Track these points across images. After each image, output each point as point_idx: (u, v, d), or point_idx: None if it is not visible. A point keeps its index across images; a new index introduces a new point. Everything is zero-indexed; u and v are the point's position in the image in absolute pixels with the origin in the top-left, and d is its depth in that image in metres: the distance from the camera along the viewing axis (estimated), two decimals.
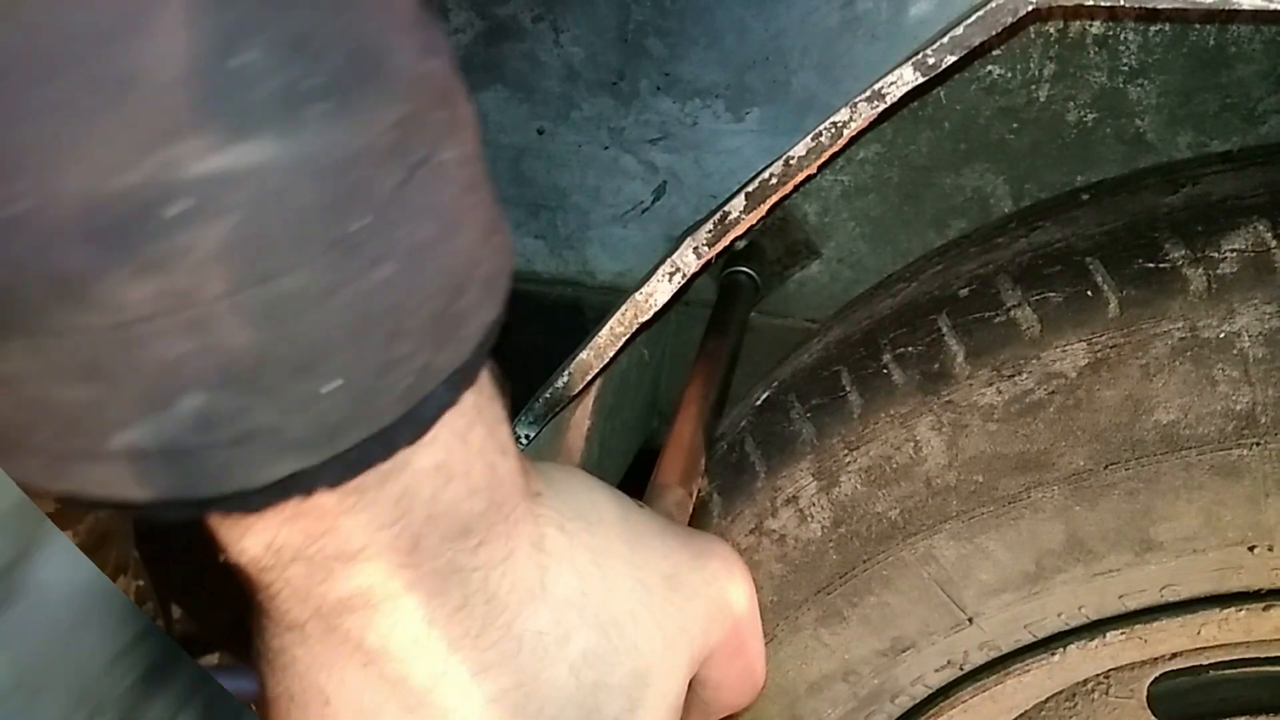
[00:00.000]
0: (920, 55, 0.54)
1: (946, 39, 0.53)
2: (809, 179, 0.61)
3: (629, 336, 0.63)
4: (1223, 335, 0.53)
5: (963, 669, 0.66)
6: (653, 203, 0.84)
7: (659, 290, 0.62)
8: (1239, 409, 0.53)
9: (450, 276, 0.28)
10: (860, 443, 0.61)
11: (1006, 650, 0.65)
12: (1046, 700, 0.71)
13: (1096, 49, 0.77)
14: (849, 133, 0.57)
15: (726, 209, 0.61)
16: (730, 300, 0.84)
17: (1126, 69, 0.77)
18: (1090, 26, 0.76)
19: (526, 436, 0.65)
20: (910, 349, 0.61)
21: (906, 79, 0.55)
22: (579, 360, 0.63)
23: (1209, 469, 0.55)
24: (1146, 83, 0.77)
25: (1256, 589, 0.59)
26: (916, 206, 0.86)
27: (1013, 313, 0.58)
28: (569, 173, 0.85)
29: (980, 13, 0.52)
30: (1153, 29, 0.75)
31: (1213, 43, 0.74)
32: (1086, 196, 0.66)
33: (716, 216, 0.61)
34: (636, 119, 0.81)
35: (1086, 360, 0.56)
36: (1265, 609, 0.59)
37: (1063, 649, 0.63)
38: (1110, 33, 0.76)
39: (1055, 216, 0.65)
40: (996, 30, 0.52)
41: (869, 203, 0.87)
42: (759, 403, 0.70)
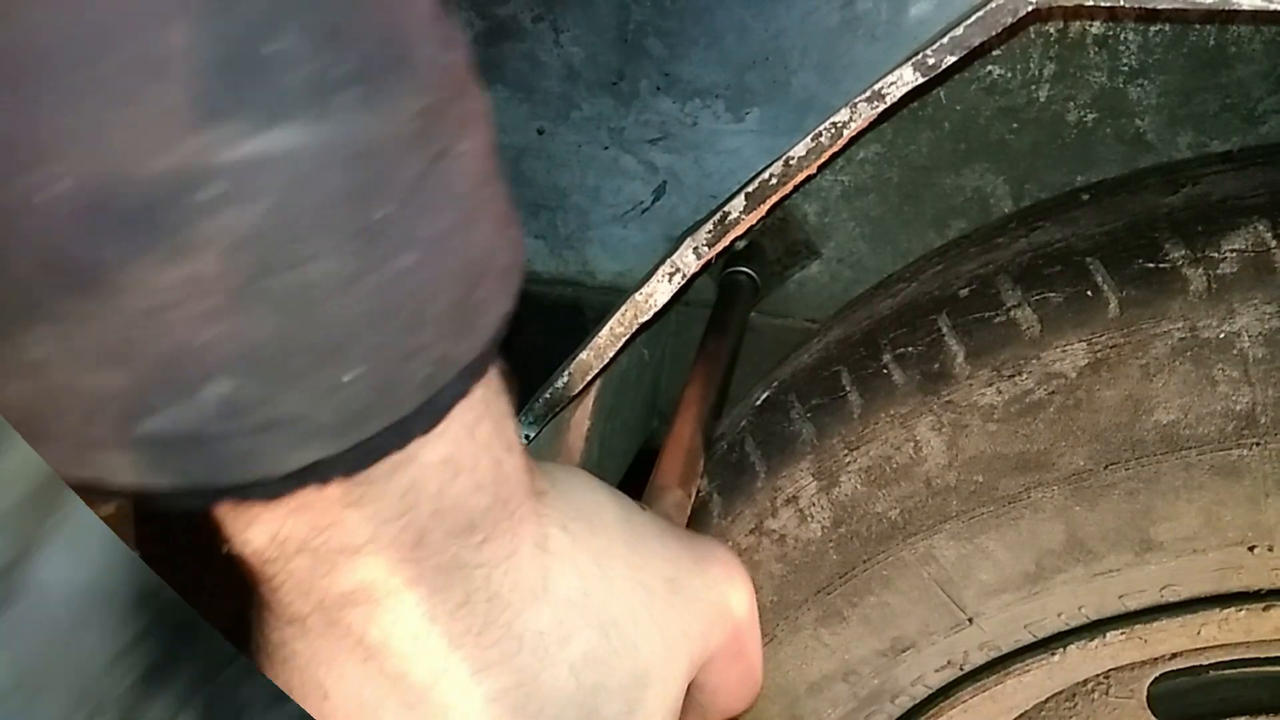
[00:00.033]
0: (920, 55, 0.54)
1: (946, 39, 0.53)
2: (809, 179, 0.61)
3: (629, 337, 0.63)
4: (1223, 335, 0.53)
5: (963, 669, 0.66)
6: (653, 203, 0.84)
7: (659, 290, 0.62)
8: (1239, 409, 0.53)
9: (469, 266, 0.28)
10: (860, 443, 0.61)
11: (1006, 650, 0.65)
12: (1046, 700, 0.71)
13: (1096, 49, 0.77)
14: (849, 133, 0.57)
15: (726, 209, 0.61)
16: (730, 300, 0.84)
17: (1126, 69, 0.77)
18: (1090, 27, 0.76)
19: (526, 437, 0.65)
20: (910, 349, 0.61)
21: (906, 79, 0.55)
22: (579, 360, 0.63)
23: (1209, 469, 0.55)
24: (1146, 83, 0.77)
25: (1256, 589, 0.59)
26: (916, 206, 0.86)
27: (1013, 313, 0.58)
28: (569, 173, 0.85)
29: (980, 13, 0.52)
30: (1153, 29, 0.75)
31: (1213, 43, 0.74)
32: (1087, 197, 0.66)
33: (716, 217, 0.61)
34: (636, 119, 0.81)
35: (1086, 360, 0.56)
36: (1265, 609, 0.59)
37: (1063, 649, 0.63)
38: (1110, 33, 0.76)
39: (1055, 217, 0.65)
40: (996, 30, 0.52)
41: (869, 203, 0.87)
42: (759, 403, 0.70)
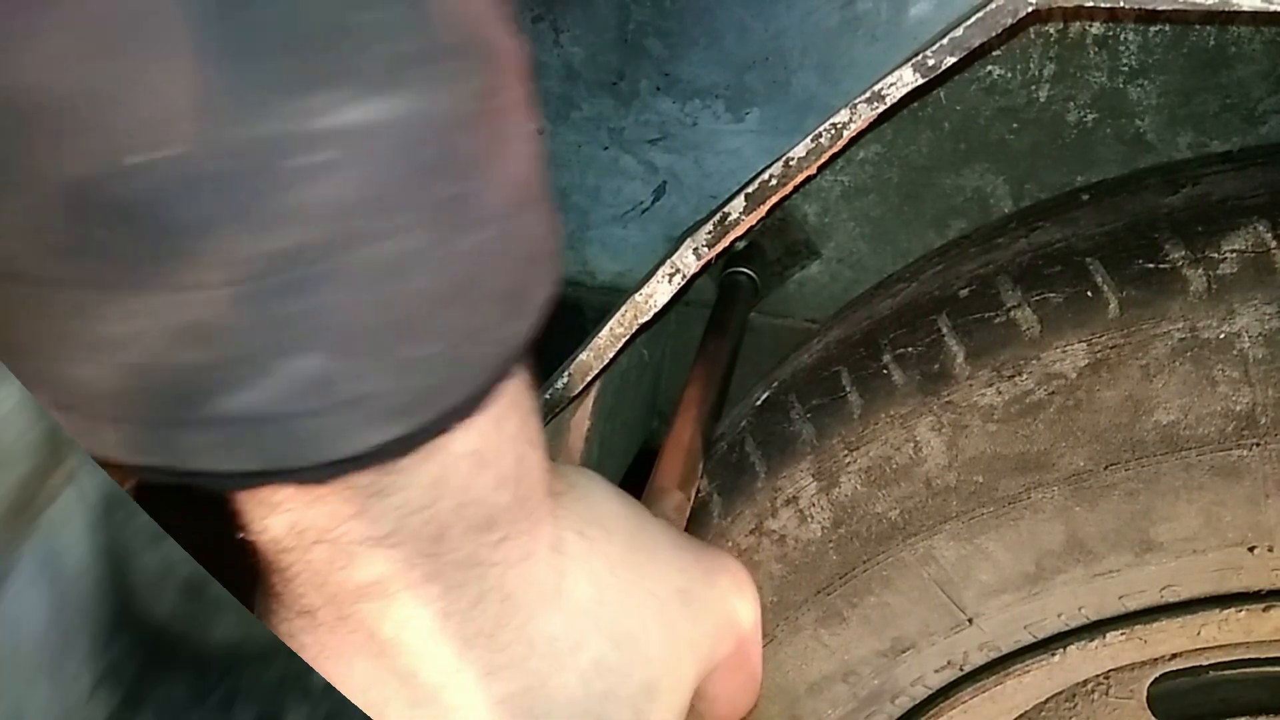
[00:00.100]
0: (920, 56, 0.54)
1: (946, 40, 0.53)
2: (809, 179, 0.61)
3: (629, 337, 0.63)
4: (1223, 336, 0.53)
5: (963, 669, 0.66)
6: (653, 203, 0.84)
7: (659, 291, 0.62)
8: (1239, 409, 0.53)
9: (527, 246, 0.28)
10: (860, 443, 0.61)
11: (1006, 651, 0.65)
12: (1046, 701, 0.71)
13: (1096, 49, 0.76)
14: (849, 133, 0.57)
15: (726, 209, 0.61)
16: (730, 300, 0.84)
17: (1126, 69, 0.77)
18: (1090, 27, 0.76)
19: None
20: (910, 349, 0.61)
21: (906, 80, 0.55)
22: (579, 360, 0.63)
23: (1209, 469, 0.55)
24: (1146, 83, 0.77)
25: (1256, 589, 0.59)
26: (916, 207, 0.86)
27: (1013, 313, 0.58)
28: (569, 173, 0.85)
29: (980, 13, 0.52)
30: (1153, 29, 0.75)
31: (1213, 43, 0.74)
32: (1086, 197, 0.66)
33: (716, 217, 0.61)
34: (636, 119, 0.81)
35: (1086, 361, 0.56)
36: (1265, 609, 0.59)
37: (1063, 649, 0.63)
38: (1110, 33, 0.76)
39: (1055, 217, 0.65)
40: (996, 31, 0.52)
41: (869, 203, 0.87)
42: (759, 403, 0.70)
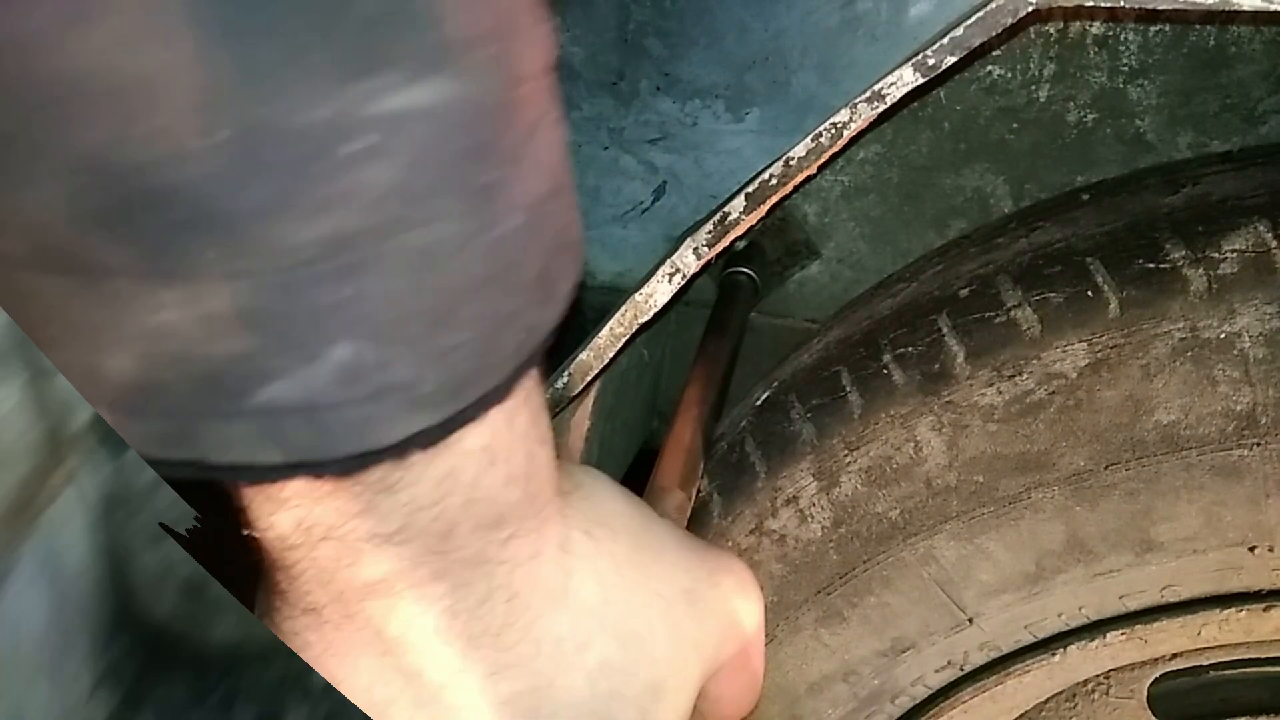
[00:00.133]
0: (920, 56, 0.54)
1: (946, 39, 0.53)
2: (809, 179, 0.61)
3: (629, 337, 0.63)
4: (1223, 336, 0.53)
5: (963, 669, 0.66)
6: (653, 203, 0.84)
7: (659, 291, 0.62)
8: (1239, 409, 0.53)
9: (556, 234, 0.28)
10: (860, 443, 0.61)
11: (1007, 650, 0.65)
12: (1047, 701, 0.71)
13: (1096, 49, 0.76)
14: (849, 133, 0.57)
15: (726, 209, 0.61)
16: (730, 300, 0.84)
17: (1126, 69, 0.77)
18: (1090, 27, 0.76)
19: None
20: (910, 349, 0.61)
21: (906, 80, 0.55)
22: (579, 360, 0.63)
23: (1209, 469, 0.55)
24: (1146, 83, 0.77)
25: (1257, 589, 0.59)
26: (916, 207, 0.86)
27: (1013, 313, 0.58)
28: None
29: (980, 13, 0.52)
30: (1153, 29, 0.75)
31: (1213, 43, 0.74)
32: (1087, 197, 0.66)
33: (716, 217, 0.61)
34: (636, 119, 0.81)
35: (1087, 360, 0.56)
36: (1266, 609, 0.59)
37: (1063, 649, 0.63)
38: (1110, 33, 0.76)
39: (1055, 217, 0.65)
40: (996, 31, 0.52)
41: (869, 203, 0.87)
42: (759, 403, 0.70)
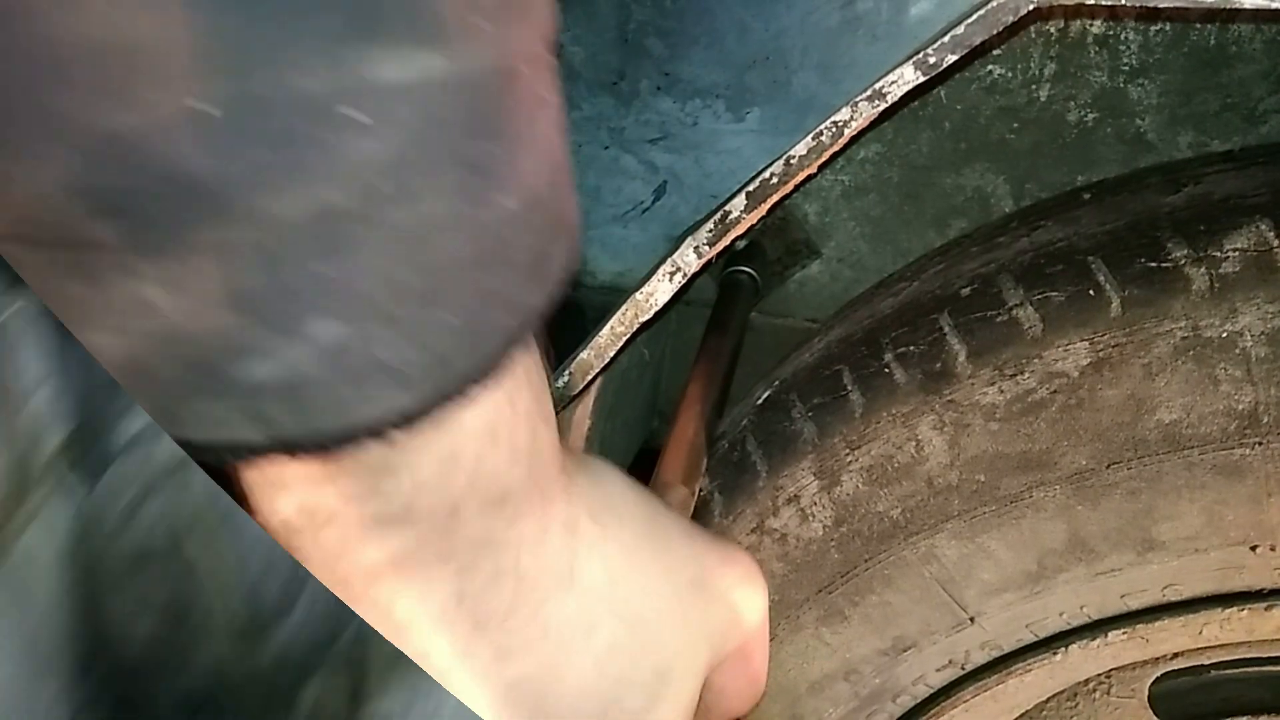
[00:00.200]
0: (921, 54, 0.54)
1: (947, 38, 0.53)
2: (809, 179, 0.61)
3: (629, 336, 0.63)
4: (1225, 335, 0.53)
5: (964, 668, 0.66)
6: (653, 203, 0.84)
7: (659, 290, 0.62)
8: (1241, 408, 0.53)
9: (551, 215, 0.28)
10: (862, 442, 0.61)
11: (1008, 650, 0.65)
12: (1048, 700, 0.71)
13: (1097, 49, 0.76)
14: (849, 132, 0.57)
15: (727, 209, 0.61)
16: (730, 300, 0.84)
17: (1127, 69, 0.77)
18: (1091, 26, 0.76)
19: None
20: (912, 348, 0.61)
21: (907, 78, 0.55)
22: (579, 360, 0.63)
23: (1211, 468, 0.55)
24: (1147, 82, 0.77)
25: (1258, 589, 0.59)
26: (917, 206, 0.86)
27: (1015, 312, 0.58)
28: None
29: (981, 12, 0.52)
30: (1153, 29, 0.75)
31: (1213, 42, 0.74)
32: (1088, 196, 0.66)
33: (717, 216, 0.61)
34: (636, 119, 0.81)
35: (1089, 359, 0.56)
36: (1267, 609, 0.59)
37: (1064, 648, 0.63)
38: (1111, 32, 0.76)
39: (1057, 216, 0.65)
40: (997, 30, 0.52)
41: (869, 202, 0.87)
42: (760, 402, 0.69)
